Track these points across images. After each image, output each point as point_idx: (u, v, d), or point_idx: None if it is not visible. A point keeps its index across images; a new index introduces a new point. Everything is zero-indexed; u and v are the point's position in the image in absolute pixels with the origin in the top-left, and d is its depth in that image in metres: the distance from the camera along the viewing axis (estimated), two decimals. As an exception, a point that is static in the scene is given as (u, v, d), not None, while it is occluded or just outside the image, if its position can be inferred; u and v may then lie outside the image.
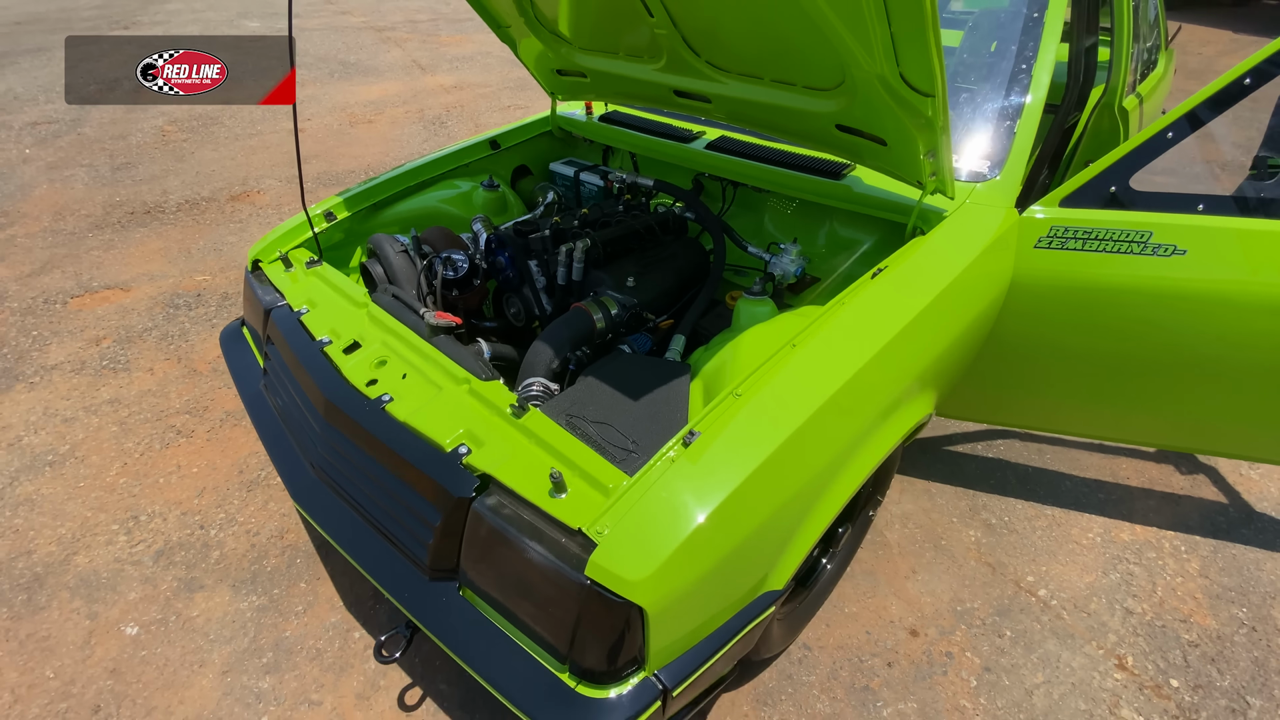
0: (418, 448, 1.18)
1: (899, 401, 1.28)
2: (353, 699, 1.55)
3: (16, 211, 3.99)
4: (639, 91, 1.90)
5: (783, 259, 1.63)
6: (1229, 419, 1.64)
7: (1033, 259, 1.52)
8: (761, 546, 1.08)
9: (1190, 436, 1.75)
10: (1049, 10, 1.64)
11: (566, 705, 1.01)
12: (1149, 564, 1.87)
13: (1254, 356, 1.48)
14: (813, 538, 1.16)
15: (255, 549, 1.91)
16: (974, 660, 1.63)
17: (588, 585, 0.94)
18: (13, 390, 2.54)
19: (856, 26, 1.12)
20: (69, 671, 1.62)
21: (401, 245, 1.68)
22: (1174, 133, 1.45)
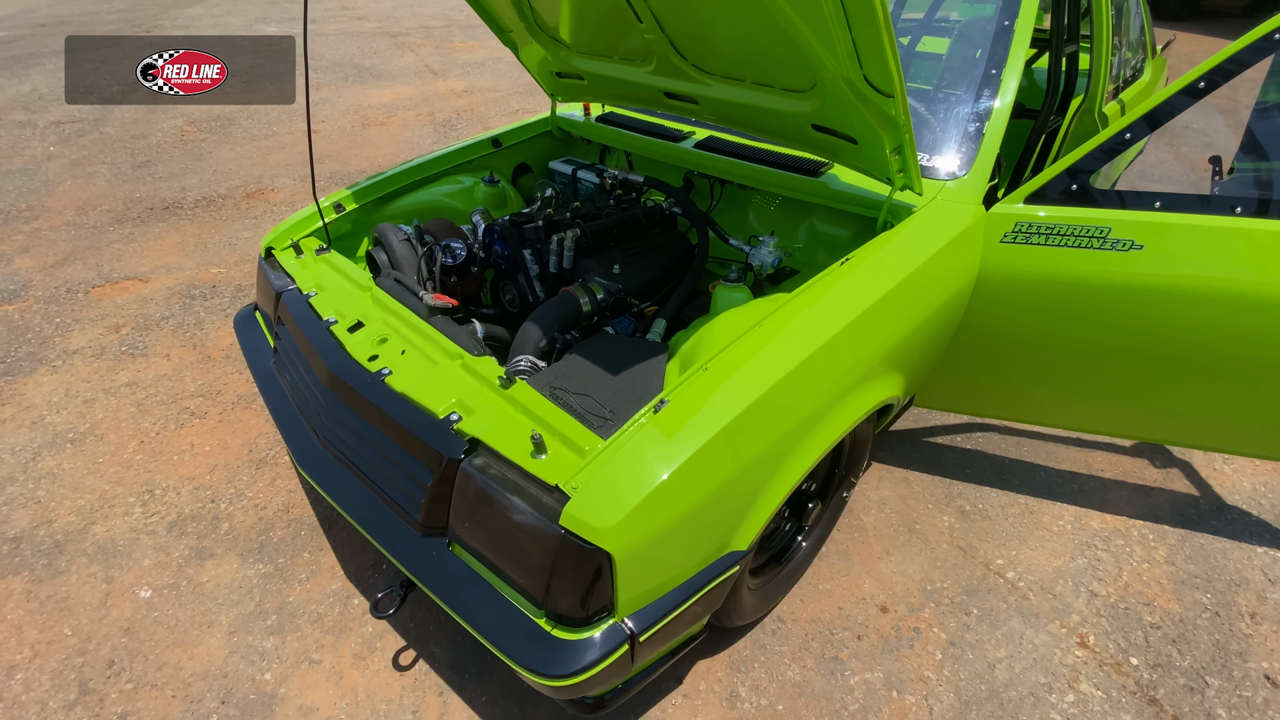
0: (413, 415, 1.28)
1: (860, 381, 1.36)
2: (350, 659, 1.65)
3: (41, 206, 4.15)
4: (632, 93, 2.01)
5: (761, 251, 1.72)
6: (1190, 410, 1.71)
7: (999, 253, 1.61)
8: (723, 506, 1.16)
9: (1155, 427, 1.82)
10: (1019, 19, 1.73)
11: (542, 647, 1.10)
12: (1117, 550, 1.94)
13: (1210, 349, 1.56)
14: (774, 503, 1.24)
15: (262, 521, 2.02)
16: (940, 635, 1.71)
17: (561, 534, 1.03)
18: (36, 373, 2.67)
19: (821, 32, 1.22)
20: (86, 629, 1.73)
21: (404, 234, 1.79)
22: (1131, 134, 1.54)
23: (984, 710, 1.55)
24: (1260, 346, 1.51)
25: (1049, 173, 1.58)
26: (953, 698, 1.57)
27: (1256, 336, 1.49)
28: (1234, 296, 1.47)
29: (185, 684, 1.60)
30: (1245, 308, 1.47)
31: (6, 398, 2.53)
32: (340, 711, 1.54)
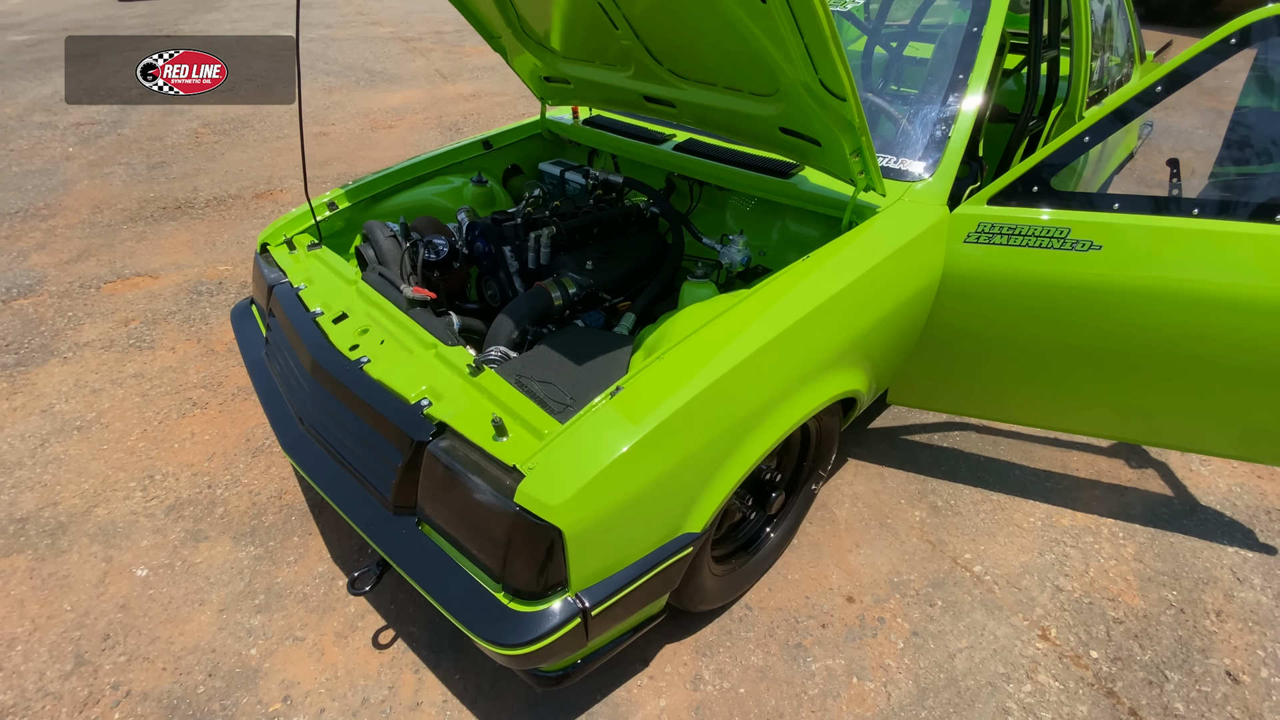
0: (387, 401, 1.35)
1: (816, 372, 1.41)
2: (332, 637, 1.72)
3: (59, 205, 4.29)
4: (615, 97, 2.08)
5: (730, 249, 1.78)
6: (1155, 409, 1.74)
7: (963, 253, 1.65)
8: (675, 488, 1.22)
9: (1122, 426, 1.85)
10: (987, 26, 1.77)
11: (499, 620, 1.16)
12: (1085, 547, 1.97)
13: (1170, 348, 1.59)
14: (727, 487, 1.30)
15: (255, 507, 2.10)
16: (904, 625, 1.75)
17: (516, 511, 1.10)
18: (48, 364, 2.78)
19: (776, 40, 1.28)
20: (84, 605, 1.81)
21: (390, 231, 1.87)
22: (1090, 137, 1.58)
23: (941, 698, 1.59)
24: (1220, 346, 1.54)
25: (1010, 175, 1.63)
26: (911, 685, 1.61)
27: (1215, 336, 1.53)
28: (1192, 296, 1.51)
29: (175, 657, 1.68)
30: (1202, 308, 1.50)
31: (19, 387, 2.64)
32: (320, 686, 1.61)
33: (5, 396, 2.59)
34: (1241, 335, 1.50)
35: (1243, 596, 1.85)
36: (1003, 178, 1.64)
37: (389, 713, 1.56)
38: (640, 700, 1.58)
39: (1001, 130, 2.50)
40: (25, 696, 1.60)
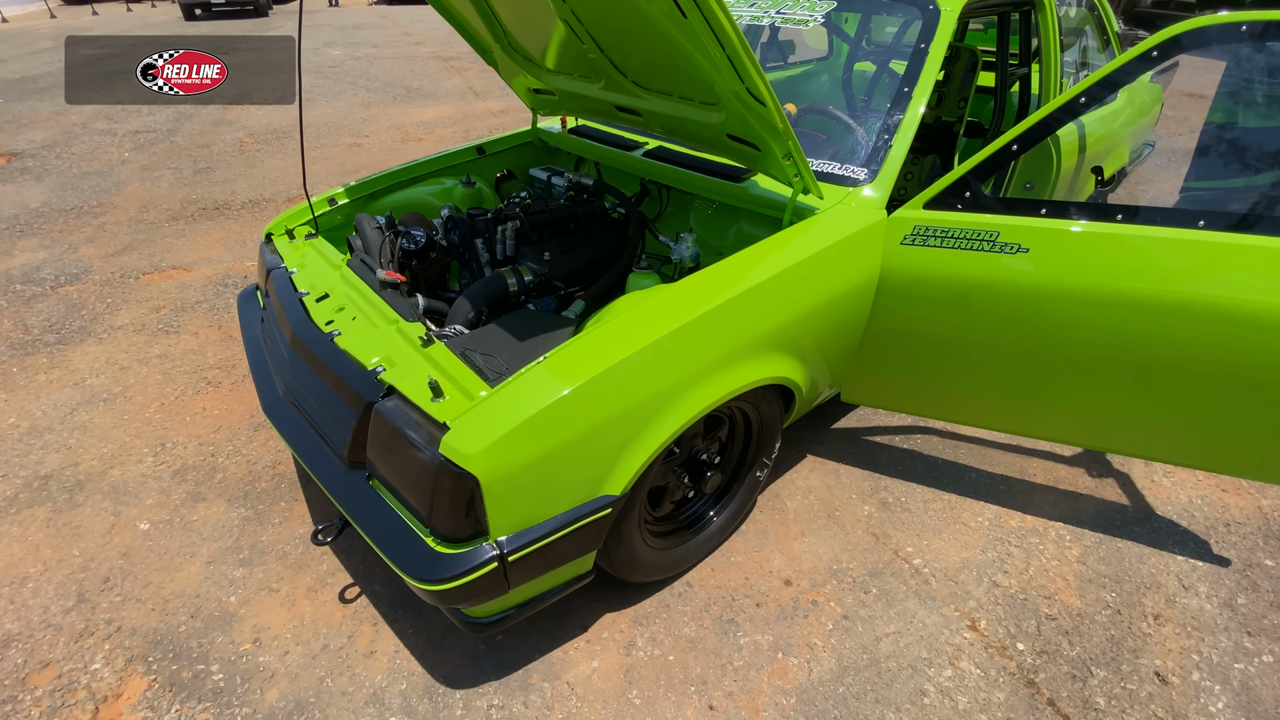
0: (349, 368, 1.51)
1: (738, 354, 1.51)
2: (304, 590, 1.88)
3: (110, 203, 4.67)
4: (593, 107, 2.24)
5: (680, 246, 1.91)
6: (1081, 409, 1.78)
7: (898, 254, 1.75)
8: (592, 448, 1.34)
9: (1052, 427, 1.89)
10: (933, 42, 1.88)
11: (427, 561, 1.29)
12: (1029, 548, 2.01)
13: (1093, 349, 1.65)
14: (645, 453, 1.40)
15: (251, 474, 2.29)
16: (836, 609, 1.82)
17: (441, 461, 1.23)
18: (85, 343, 3.06)
19: (704, 52, 1.42)
20: (90, 552, 2.01)
21: (377, 223, 2.05)
22: (1018, 145, 1.66)
23: (861, 676, 1.65)
24: (1143, 348, 1.59)
25: (944, 181, 1.72)
26: (833, 663, 1.68)
27: (1139, 338, 1.58)
28: (1114, 298, 1.57)
29: (164, 600, 1.86)
30: (1125, 309, 1.56)
31: (57, 362, 2.91)
32: (287, 631, 1.76)
33: (44, 370, 2.86)
34: (1164, 337, 1.56)
35: (1185, 602, 1.86)
36: (937, 183, 1.73)
37: (345, 658, 1.70)
38: (575, 660, 1.69)
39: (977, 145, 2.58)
40: (30, 626, 1.79)
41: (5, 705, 1.60)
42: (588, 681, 1.64)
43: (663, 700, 1.60)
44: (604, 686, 1.63)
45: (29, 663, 1.70)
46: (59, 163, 5.49)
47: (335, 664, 1.68)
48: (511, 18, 2.05)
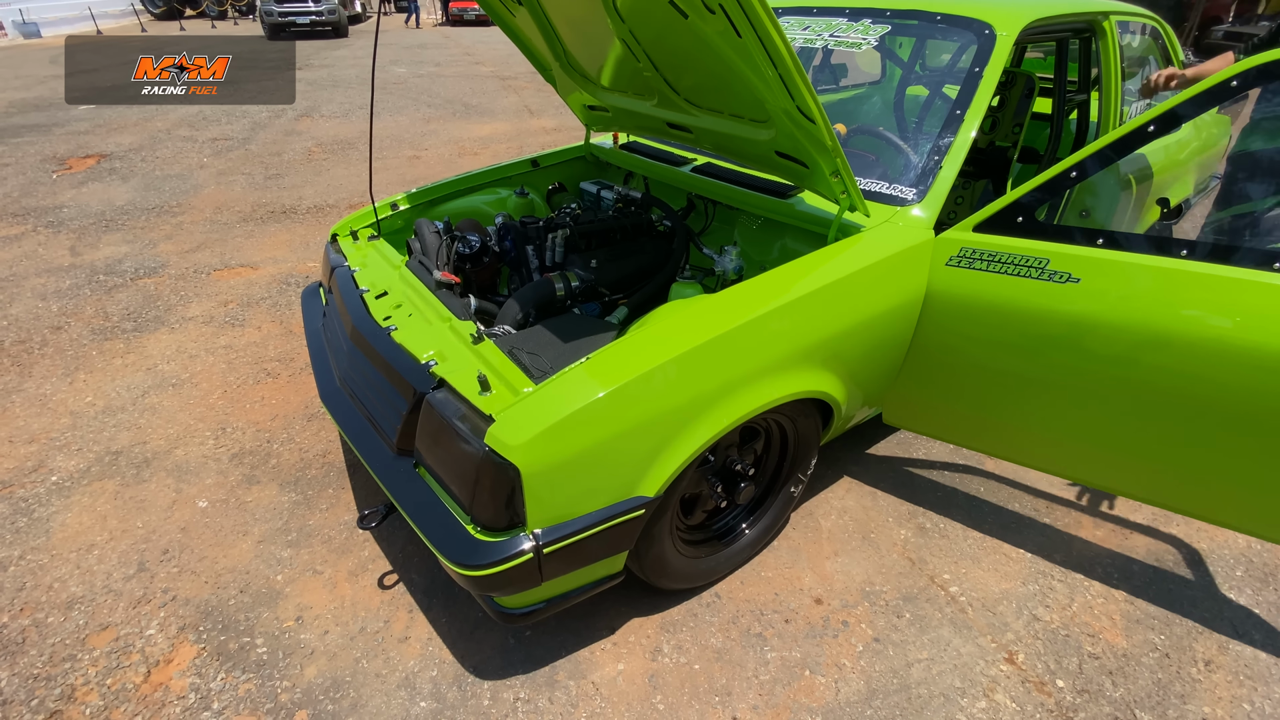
0: (404, 360, 1.59)
1: (777, 366, 1.53)
2: (345, 574, 1.95)
3: (188, 205, 4.98)
4: (644, 124, 2.31)
5: (724, 259, 1.95)
6: (1127, 455, 1.69)
7: (944, 275, 1.74)
8: (629, 449, 1.37)
9: (1094, 470, 1.79)
10: (988, 66, 1.88)
11: (467, 547, 1.34)
12: (1074, 583, 1.94)
13: (1142, 389, 1.56)
14: (681, 457, 1.43)
15: (303, 461, 2.40)
16: (867, 631, 1.79)
17: (485, 451, 1.29)
18: (158, 332, 3.26)
19: (756, 70, 1.46)
20: (152, 524, 2.13)
21: (435, 228, 2.15)
22: (1077, 172, 1.63)
23: (890, 700, 1.62)
24: (1201, 395, 1.49)
25: (997, 204, 1.71)
26: (862, 685, 1.66)
27: (1195, 382, 1.48)
28: (1169, 338, 1.48)
29: (216, 574, 1.95)
30: (1179, 350, 1.47)
31: (132, 348, 3.11)
32: (328, 612, 1.83)
33: (120, 355, 3.05)
34: (1224, 385, 1.45)
35: (1238, 650, 1.77)
36: (989, 206, 1.72)
37: (381, 641, 1.75)
38: (601, 661, 1.71)
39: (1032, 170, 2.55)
40: (93, 590, 1.91)
41: (65, 663, 1.71)
42: (613, 683, 1.66)
43: (686, 708, 1.60)
44: (629, 690, 1.64)
45: (89, 624, 1.81)
46: (144, 165, 5.89)
47: (371, 646, 1.74)
48: (572, 37, 2.14)
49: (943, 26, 2.07)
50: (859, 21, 2.22)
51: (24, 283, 3.77)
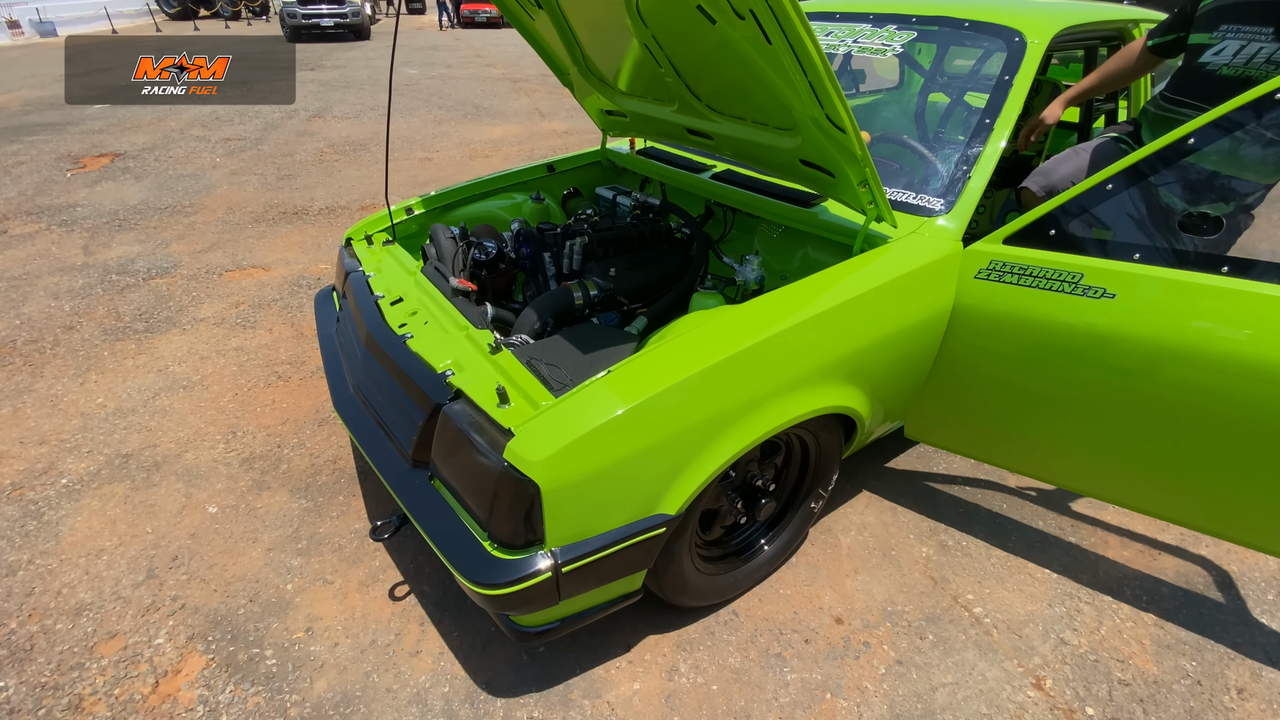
0: (420, 369, 1.56)
1: (802, 380, 1.49)
2: (356, 584, 1.92)
3: (200, 204, 4.98)
4: (663, 129, 2.27)
5: (746, 268, 1.91)
6: (1160, 476, 1.64)
7: (972, 289, 1.69)
8: (651, 466, 1.33)
9: (1125, 490, 1.74)
10: (1018, 74, 1.84)
11: (484, 565, 1.31)
12: (1102, 606, 1.89)
13: (1176, 409, 1.51)
14: (703, 475, 1.39)
15: (313, 467, 2.37)
16: (889, 653, 1.74)
17: (504, 466, 1.25)
18: (170, 333, 3.25)
19: (785, 77, 1.43)
20: (162, 530, 2.11)
21: (451, 233, 2.12)
22: (1113, 185, 1.58)
23: (914, 725, 1.58)
24: (1240, 416, 1.44)
25: (1029, 216, 1.66)
26: (885, 709, 1.61)
27: (1235, 403, 1.43)
28: (1209, 357, 1.42)
29: (226, 582, 1.93)
30: (1219, 370, 1.42)
31: (144, 349, 3.10)
32: (338, 623, 1.80)
33: (131, 356, 3.04)
34: (1268, 407, 1.39)
35: (1272, 677, 1.71)
36: (1021, 218, 1.67)
37: (391, 655, 1.72)
38: (616, 680, 1.67)
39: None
40: (101, 597, 1.88)
41: (73, 671, 1.68)
42: (628, 703, 1.62)
43: (704, 730, 1.56)
44: (645, 710, 1.60)
45: (98, 632, 1.79)
46: (157, 164, 5.90)
47: (382, 660, 1.71)
48: (591, 41, 2.11)
49: (970, 33, 2.03)
50: (883, 27, 2.19)
51: (37, 281, 3.77)
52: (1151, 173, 1.58)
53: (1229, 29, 1.82)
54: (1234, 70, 1.82)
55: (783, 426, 1.48)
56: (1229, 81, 1.83)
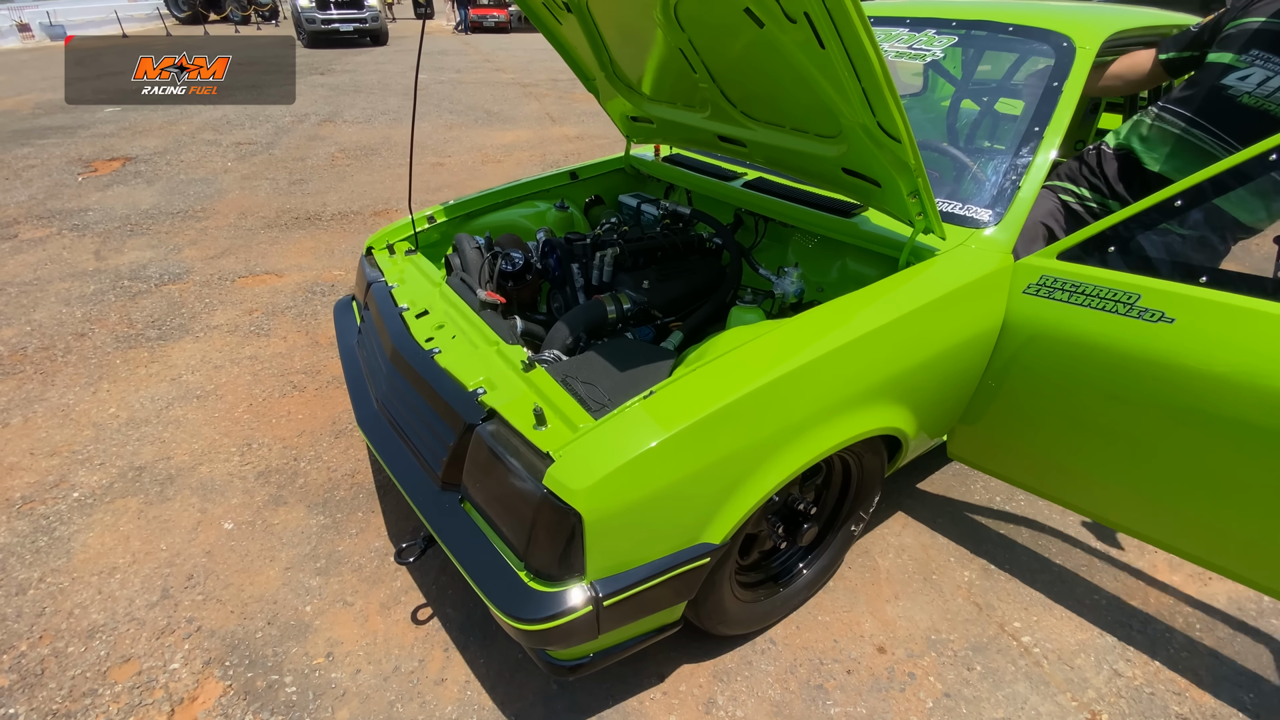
0: (449, 387, 1.49)
1: (851, 402, 1.42)
2: (378, 606, 1.85)
3: (212, 209, 4.93)
4: (693, 136, 2.21)
5: (785, 280, 1.83)
6: (1215, 522, 1.53)
7: (1021, 304, 1.62)
8: (696, 494, 1.26)
9: (1174, 533, 1.63)
10: (1068, 81, 1.77)
11: (519, 596, 1.24)
12: (1154, 634, 1.81)
13: (1239, 448, 1.40)
14: (749, 503, 1.32)
15: (331, 482, 2.31)
16: (936, 685, 1.67)
17: (544, 493, 1.18)
18: (183, 340, 3.19)
19: (836, 84, 1.36)
20: (177, 547, 2.05)
21: (476, 243, 2.06)
22: (1183, 201, 1.45)
23: (967, 764, 1.50)
24: None
25: (1086, 231, 1.57)
26: (935, 745, 1.53)
27: None
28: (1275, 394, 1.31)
29: (243, 603, 1.86)
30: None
31: (157, 357, 3.04)
32: (360, 649, 1.73)
33: (144, 364, 2.99)
34: None
35: (1342, 715, 1.63)
36: (1079, 233, 1.58)
37: (416, 683, 1.65)
38: (651, 713, 1.59)
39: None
40: (115, 618, 1.82)
41: (85, 698, 1.62)
42: (664, 737, 1.54)
43: (745, 767, 1.49)
44: (682, 744, 1.53)
45: (111, 656, 1.72)
46: (168, 168, 5.87)
47: (406, 688, 1.64)
48: (620, 46, 2.05)
49: (1015, 38, 1.96)
50: (921, 32, 2.12)
51: (48, 287, 3.72)
52: (1226, 190, 1.48)
53: (1260, 55, 1.76)
54: (1254, 100, 1.76)
55: (831, 450, 1.41)
56: (1247, 111, 1.77)
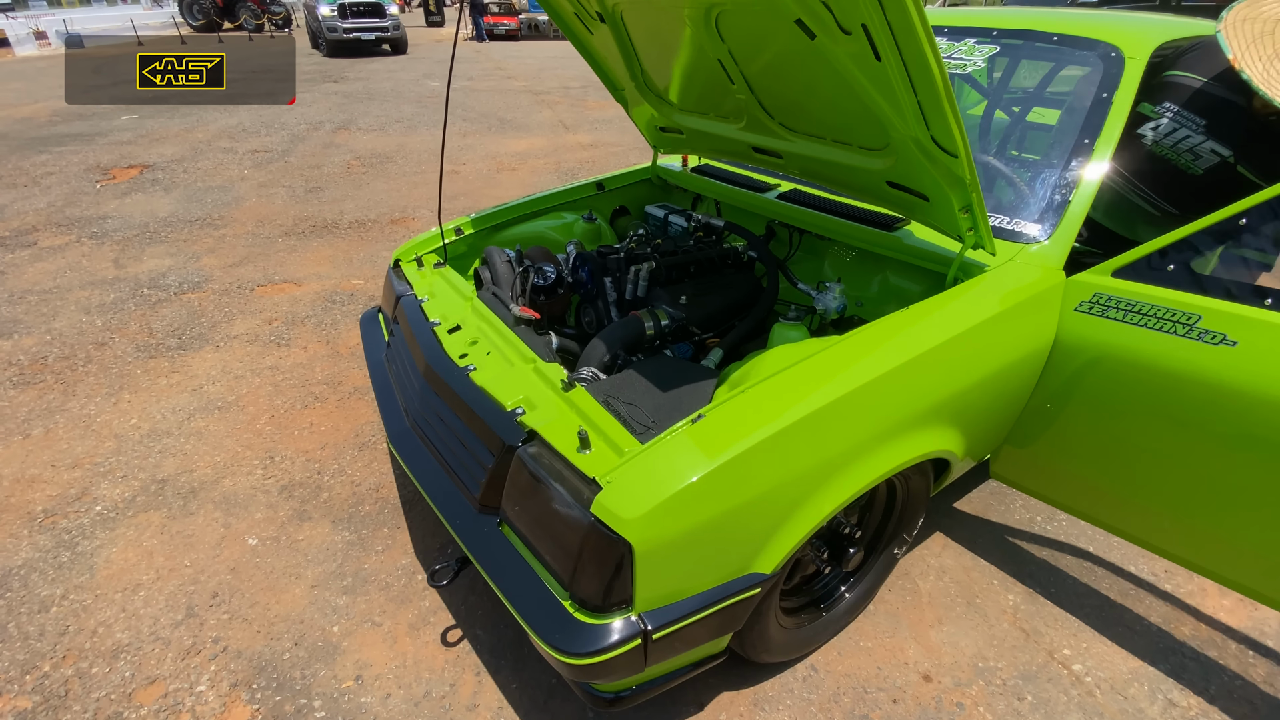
0: (486, 406, 1.45)
1: (904, 426, 1.37)
2: (406, 627, 1.81)
3: (230, 217, 4.93)
4: (725, 147, 2.17)
5: (826, 296, 1.79)
6: (1255, 541, 1.47)
7: (1073, 322, 1.57)
8: (747, 523, 1.22)
9: (1231, 566, 1.56)
10: (1118, 91, 1.72)
11: (563, 627, 1.19)
12: (1206, 662, 1.74)
13: None
14: (801, 531, 1.27)
15: (355, 496, 2.27)
16: (986, 716, 1.61)
17: (592, 521, 1.14)
18: (203, 350, 3.17)
19: (890, 97, 1.32)
20: (200, 564, 2.01)
21: (506, 257, 2.02)
22: (1249, 219, 1.39)
23: (1022, 801, 1.44)
24: None
25: (1145, 248, 1.51)
26: (988, 781, 1.48)
27: None
28: None
29: (269, 623, 1.83)
30: None
31: (177, 367, 3.02)
32: (389, 671, 1.69)
33: (165, 374, 2.97)
34: None
35: None
36: (1136, 249, 1.52)
37: (448, 709, 1.61)
38: (691, 743, 1.54)
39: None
40: (139, 637, 1.78)
41: (110, 720, 1.59)
42: (705, 768, 1.49)
43: (791, 802, 1.43)
44: (724, 777, 1.48)
45: (136, 677, 1.69)
46: (185, 176, 5.89)
47: (437, 714, 1.59)
48: (652, 57, 2.02)
49: (1060, 48, 1.91)
50: (961, 41, 2.08)
51: (68, 295, 3.72)
52: None
53: (1168, 107, 1.78)
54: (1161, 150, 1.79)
55: (886, 475, 1.36)
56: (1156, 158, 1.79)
